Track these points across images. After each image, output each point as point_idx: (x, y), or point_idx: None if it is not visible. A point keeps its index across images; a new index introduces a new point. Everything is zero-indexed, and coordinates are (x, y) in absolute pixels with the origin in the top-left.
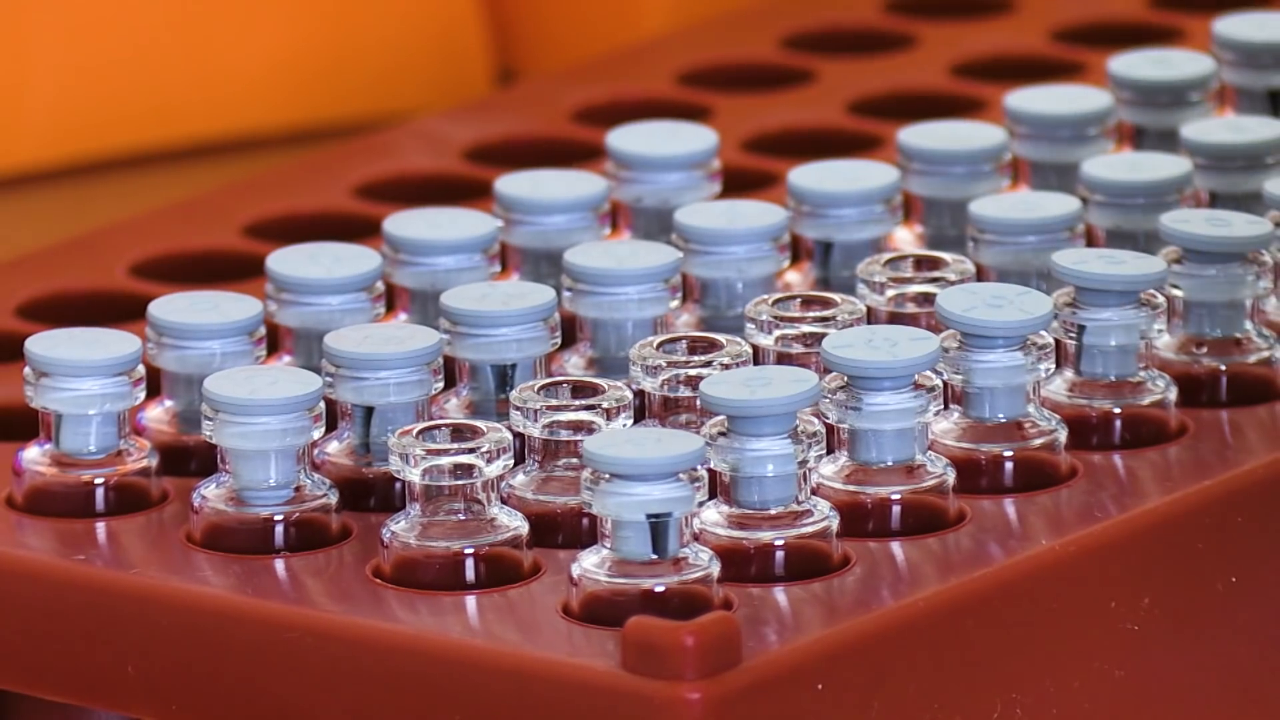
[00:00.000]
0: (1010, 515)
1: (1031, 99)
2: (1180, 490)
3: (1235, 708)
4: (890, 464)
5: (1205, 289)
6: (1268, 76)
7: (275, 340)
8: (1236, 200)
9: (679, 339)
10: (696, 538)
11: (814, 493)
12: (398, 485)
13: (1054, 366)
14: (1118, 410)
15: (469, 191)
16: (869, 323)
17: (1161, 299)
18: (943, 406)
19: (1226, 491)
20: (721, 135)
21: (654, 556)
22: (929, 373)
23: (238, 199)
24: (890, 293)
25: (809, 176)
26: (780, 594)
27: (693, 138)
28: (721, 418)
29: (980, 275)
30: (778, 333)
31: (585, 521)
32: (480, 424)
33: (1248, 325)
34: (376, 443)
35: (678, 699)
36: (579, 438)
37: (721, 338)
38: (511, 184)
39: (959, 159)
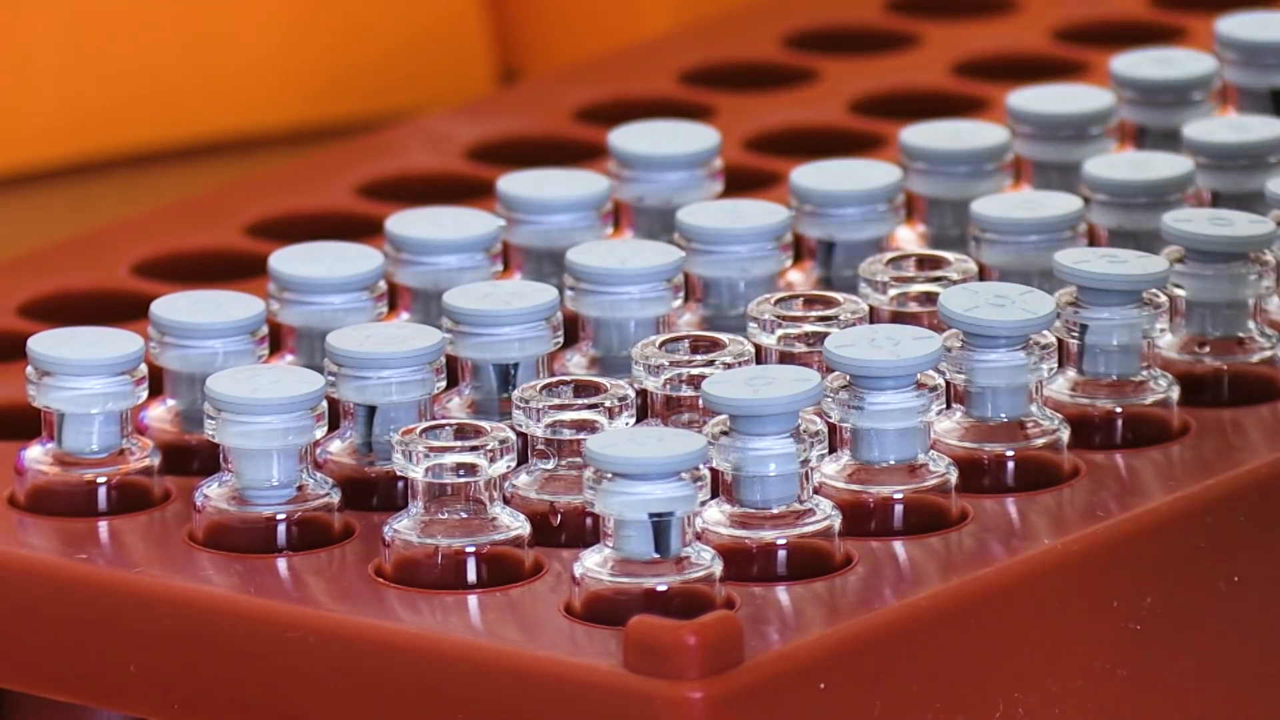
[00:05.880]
0: (1012, 515)
1: (1034, 98)
2: (1182, 490)
3: (1237, 707)
4: (892, 463)
5: (1207, 288)
6: (1270, 76)
7: (277, 339)
8: (1238, 199)
9: (681, 338)
10: (699, 537)
11: (816, 492)
12: (400, 484)
13: (1056, 366)
14: (1120, 410)
15: (471, 191)
16: (871, 322)
17: (1164, 298)
18: (945, 406)
19: (1229, 491)
20: (723, 134)
21: (656, 556)
22: (931, 372)
23: (240, 198)
24: (892, 292)
25: (811, 176)
26: (782, 593)
27: (695, 137)
28: (724, 417)
29: (983, 275)
30: (780, 332)
31: (588, 520)
32: (483, 423)
33: (1250, 325)
34: (379, 442)
35: (680, 698)
36: (581, 437)
37: (724, 337)
38: (514, 183)
39: (961, 158)
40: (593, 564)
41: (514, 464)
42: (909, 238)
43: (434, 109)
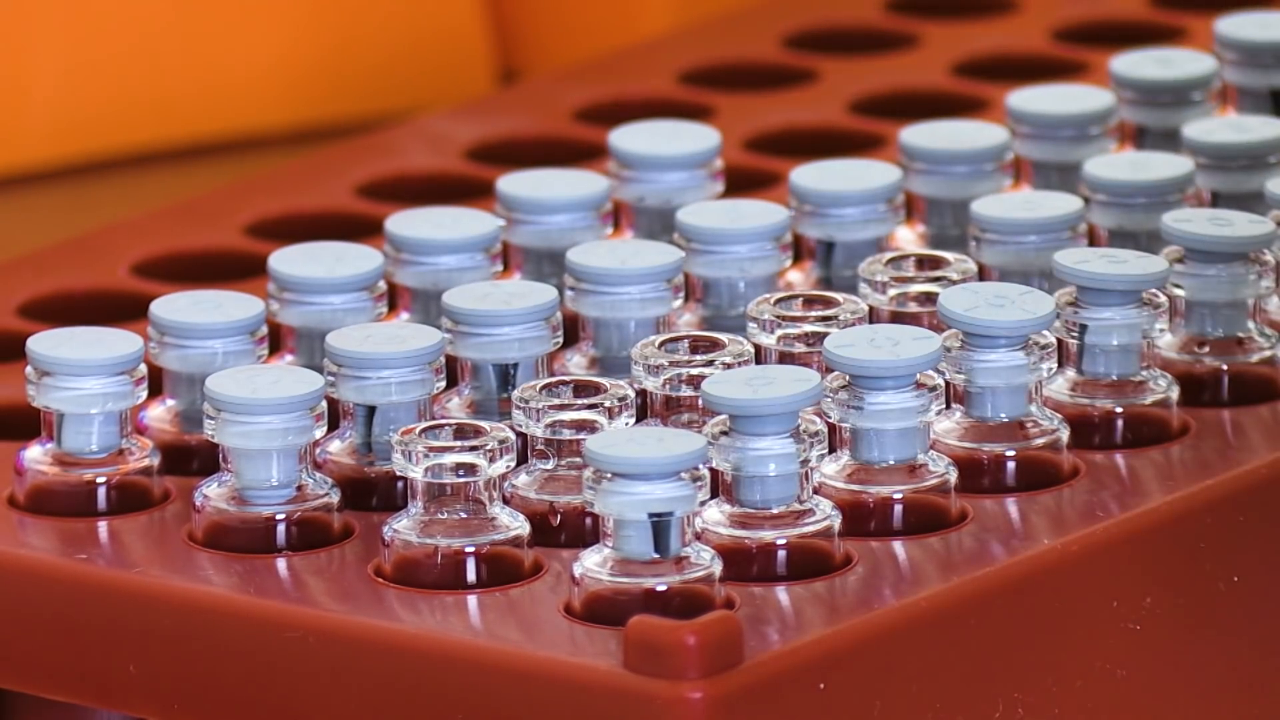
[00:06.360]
0: (1012, 515)
1: (1033, 98)
2: (1182, 490)
3: (1237, 707)
4: (892, 463)
5: (1207, 288)
6: (1270, 76)
7: (277, 339)
8: (1238, 200)
9: (681, 338)
10: (698, 537)
11: (816, 492)
12: (400, 484)
13: (1056, 366)
14: (1120, 410)
15: (471, 191)
16: (871, 322)
17: (1163, 298)
18: (945, 406)
19: (1228, 491)
20: (723, 134)
21: (656, 556)
22: (931, 372)
23: (239, 198)
24: (892, 292)
25: (811, 176)
26: (782, 593)
27: (695, 137)
28: (723, 417)
29: (982, 275)
30: (780, 332)
31: (588, 520)
32: (482, 423)
33: (1249, 324)
34: (378, 442)
35: (680, 698)
36: (581, 437)
37: (724, 337)
38: (513, 183)
39: (961, 158)
40: (592, 564)
41: (513, 464)
42: (909, 238)
43: (434, 109)
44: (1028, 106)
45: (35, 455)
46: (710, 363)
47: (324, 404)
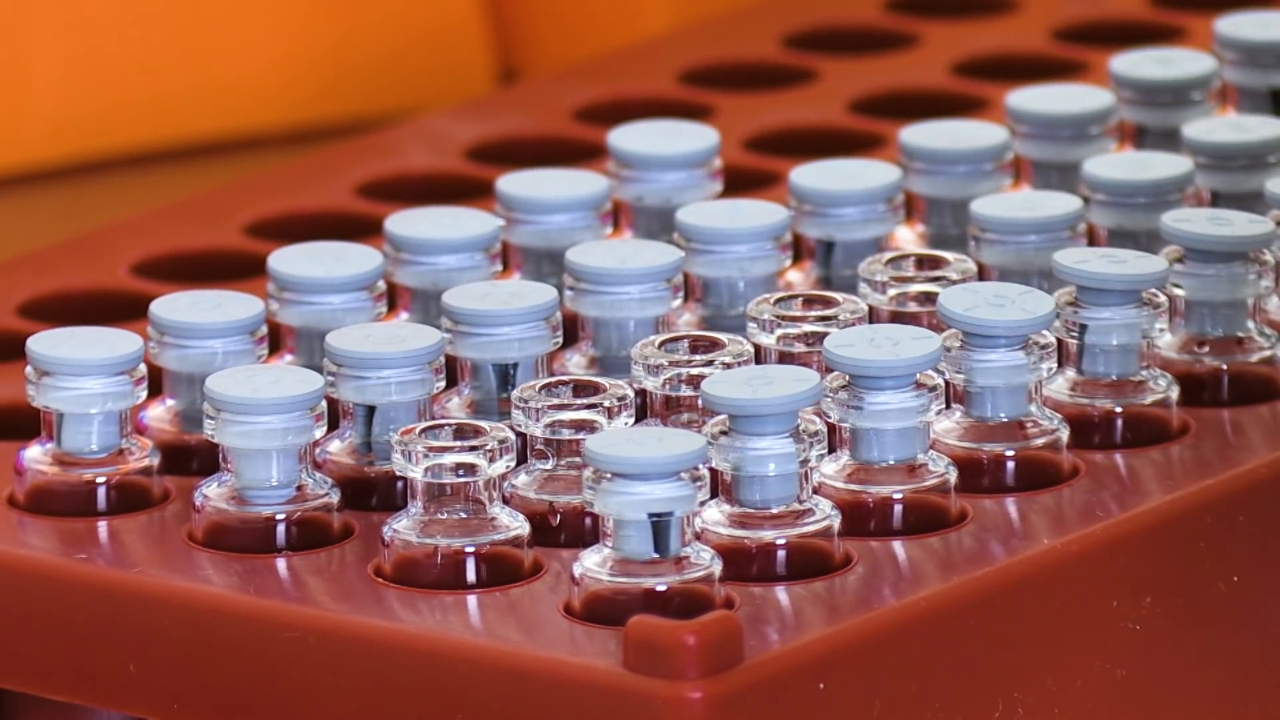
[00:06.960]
0: (1012, 514)
1: (1033, 98)
2: (1182, 489)
3: (1237, 707)
4: (892, 463)
5: (1207, 288)
6: (1270, 76)
7: (277, 339)
8: (1238, 199)
9: (680, 338)
10: (698, 537)
11: (816, 492)
12: (399, 484)
13: (1056, 366)
14: (1119, 409)
15: (470, 191)
16: (871, 322)
17: (1163, 298)
18: (945, 406)
19: (1228, 491)
20: (723, 134)
21: (656, 556)
22: (931, 372)
23: (239, 198)
24: (892, 292)
25: (810, 175)
26: (782, 593)
27: (694, 137)
28: (723, 417)
29: (982, 274)
30: (779, 332)
31: (588, 520)
32: (482, 423)
33: (1249, 324)
34: (378, 442)
35: (679, 698)
36: (581, 436)
37: (723, 337)
38: (513, 183)
39: (961, 158)
40: (592, 564)
41: (513, 464)
42: (909, 238)
43: (434, 109)
44: (1028, 106)
45: (35, 455)
46: (710, 363)
47: (324, 404)
